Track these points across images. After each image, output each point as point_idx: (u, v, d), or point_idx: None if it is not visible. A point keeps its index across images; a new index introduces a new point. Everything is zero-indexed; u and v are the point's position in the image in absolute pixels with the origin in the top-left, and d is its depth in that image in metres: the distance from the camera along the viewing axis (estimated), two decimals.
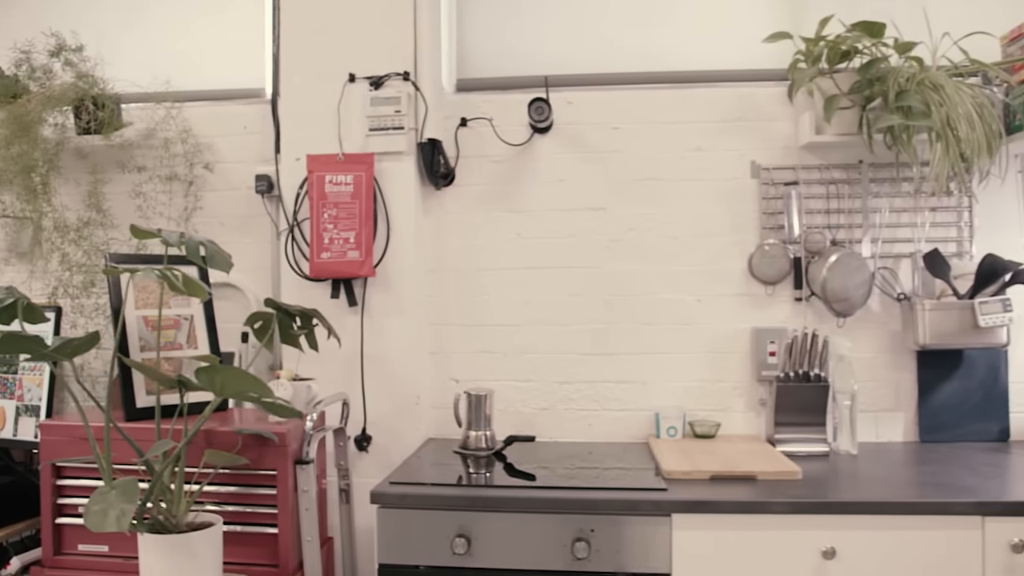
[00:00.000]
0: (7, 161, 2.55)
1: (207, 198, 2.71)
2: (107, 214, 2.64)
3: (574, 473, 2.14)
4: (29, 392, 2.40)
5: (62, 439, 2.16)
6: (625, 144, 2.59)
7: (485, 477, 2.11)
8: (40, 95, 2.51)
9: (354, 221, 2.47)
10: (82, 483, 2.16)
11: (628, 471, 2.16)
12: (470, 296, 2.63)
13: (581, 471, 2.16)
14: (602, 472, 2.16)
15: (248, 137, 2.71)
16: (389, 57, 2.51)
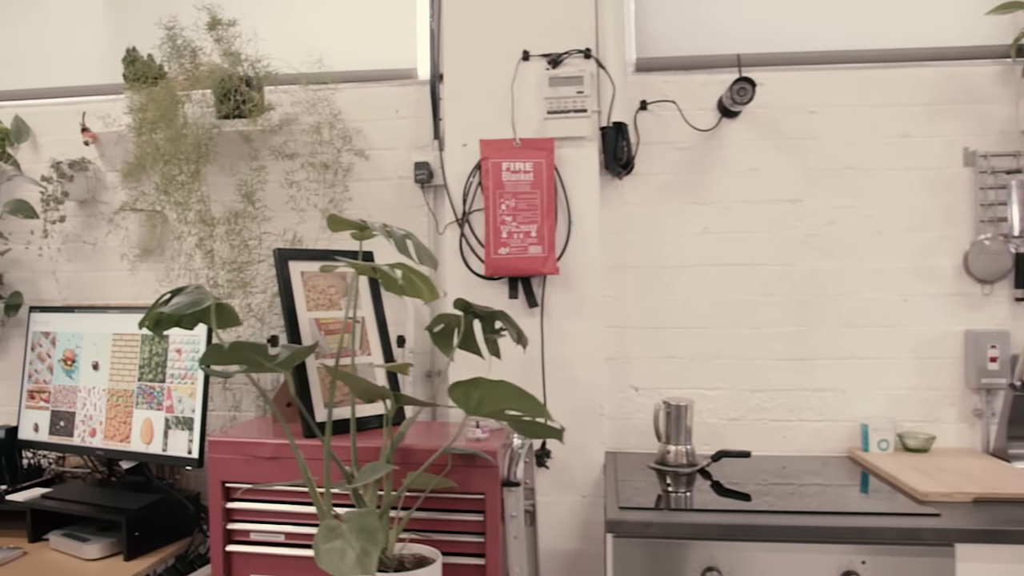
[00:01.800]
0: (149, 147, 2.32)
1: (354, 188, 2.47)
2: (257, 205, 2.40)
3: (768, 489, 1.92)
4: (180, 403, 2.16)
5: (234, 457, 1.92)
6: (823, 129, 2.35)
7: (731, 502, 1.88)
8: (189, 75, 2.27)
9: (535, 213, 2.24)
10: (253, 507, 1.93)
11: (827, 487, 1.94)
12: (652, 296, 2.40)
13: (775, 487, 1.95)
14: (798, 488, 1.94)
15: (400, 122, 2.47)
16: (568, 32, 2.28)
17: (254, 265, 2.35)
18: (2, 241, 2.63)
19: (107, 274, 2.61)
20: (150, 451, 2.19)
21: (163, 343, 2.20)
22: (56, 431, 2.35)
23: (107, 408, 2.27)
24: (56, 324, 2.39)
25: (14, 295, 2.60)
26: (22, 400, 2.41)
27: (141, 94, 2.33)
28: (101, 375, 2.29)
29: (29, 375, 2.41)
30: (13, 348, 2.69)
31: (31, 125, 2.68)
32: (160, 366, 2.20)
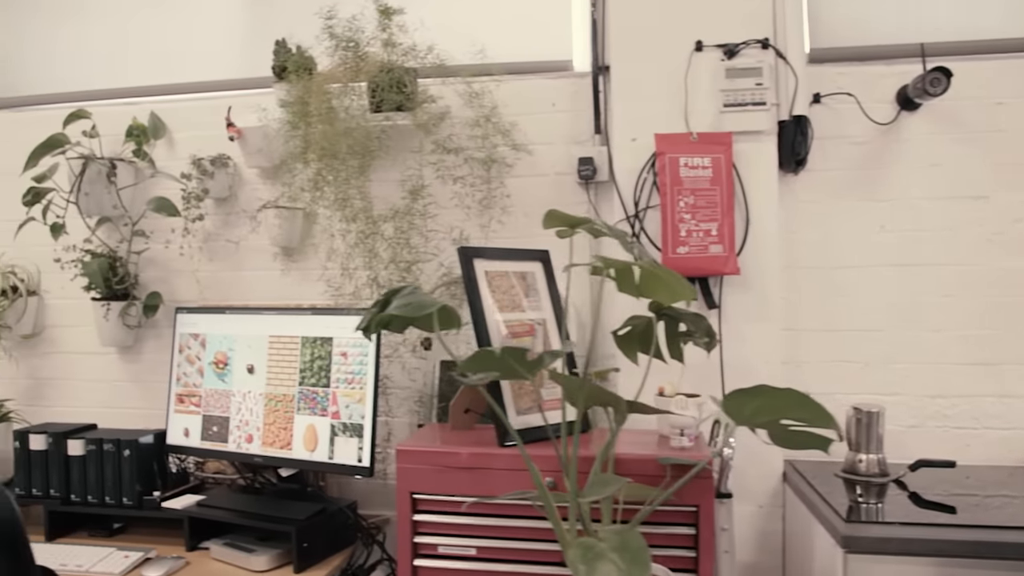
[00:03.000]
0: (304, 142, 2.23)
1: (510, 184, 2.38)
2: (423, 201, 2.30)
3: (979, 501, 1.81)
4: (347, 409, 2.07)
5: (423, 467, 1.83)
6: (1010, 122, 2.24)
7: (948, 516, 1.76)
8: (349, 67, 2.19)
9: (715, 211, 2.13)
10: (442, 519, 1.83)
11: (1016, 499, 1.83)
12: (825, 297, 2.28)
13: (960, 498, 1.84)
14: (982, 500, 1.83)
15: (557, 116, 2.38)
16: (743, 22, 2.18)
17: (418, 264, 2.26)
18: (142, 240, 2.55)
19: (247, 274, 2.53)
20: (314, 459, 2.10)
21: (326, 346, 2.12)
22: (209, 436, 2.26)
23: (264, 413, 2.18)
24: (205, 326, 2.31)
25: (152, 295, 2.52)
26: (170, 404, 2.33)
27: (297, 86, 2.24)
28: (257, 379, 2.21)
29: (177, 378, 2.33)
30: (147, 350, 2.61)
31: (165, 121, 2.60)
32: (324, 370, 2.11)
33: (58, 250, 2.65)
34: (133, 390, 2.63)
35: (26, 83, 2.78)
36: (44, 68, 2.77)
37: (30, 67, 2.79)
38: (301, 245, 2.47)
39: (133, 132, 2.58)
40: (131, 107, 2.63)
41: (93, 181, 2.48)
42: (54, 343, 2.70)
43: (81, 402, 2.67)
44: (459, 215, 2.34)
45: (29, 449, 2.30)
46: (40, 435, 2.30)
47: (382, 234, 2.25)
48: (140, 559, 2.07)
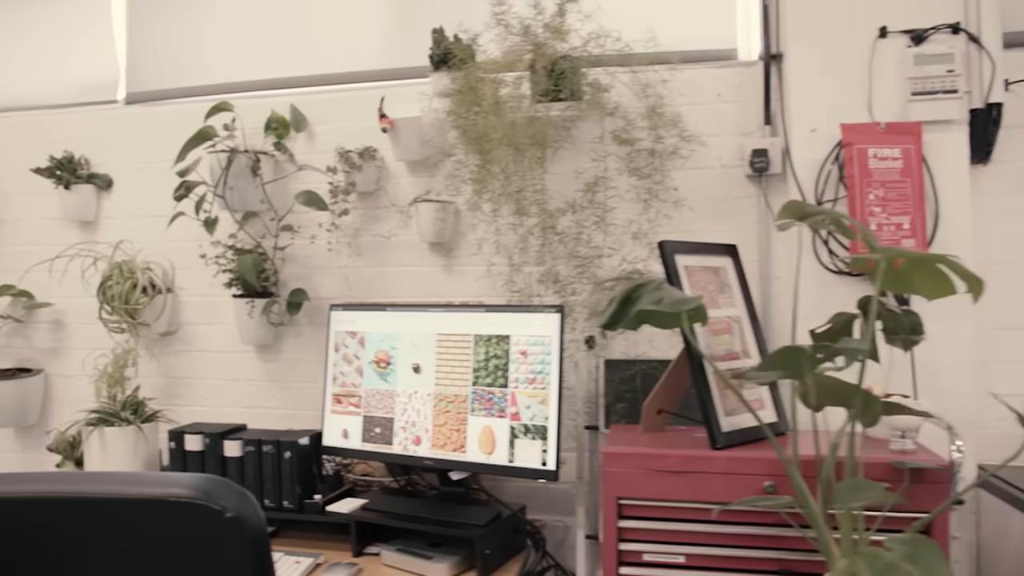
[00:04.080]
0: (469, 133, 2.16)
1: (675, 177, 2.29)
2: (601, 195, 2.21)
3: None
4: (528, 410, 1.99)
5: (630, 471, 1.75)
6: None
7: None
8: (518, 56, 2.11)
9: (906, 204, 2.04)
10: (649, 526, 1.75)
11: None
12: (1015, 294, 2.18)
13: None
14: None
15: (722, 106, 2.29)
16: (931, 5, 2.08)
17: (599, 259, 2.17)
18: (288, 235, 2.49)
19: (394, 270, 2.45)
20: (492, 462, 2.02)
21: (503, 344, 2.04)
22: (371, 438, 2.19)
23: (434, 415, 2.11)
24: (364, 323, 2.23)
25: (295, 292, 2.45)
26: (326, 404, 2.26)
27: (460, 76, 2.17)
28: (424, 379, 2.13)
29: (333, 377, 2.26)
30: (287, 348, 2.54)
31: (304, 113, 2.53)
32: (500, 369, 2.03)
33: (195, 245, 2.60)
34: (272, 390, 2.56)
35: (165, 77, 2.72)
36: (183, 61, 2.71)
37: (167, 61, 2.73)
38: (452, 240, 2.40)
39: (271, 125, 2.51)
40: (268, 100, 2.56)
41: (237, 175, 2.41)
42: (189, 341, 2.63)
43: (217, 401, 2.61)
44: (633, 209, 2.26)
45: (184, 450, 2.24)
46: (196, 435, 2.23)
47: (555, 228, 2.16)
48: (312, 565, 1.99)
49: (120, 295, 2.48)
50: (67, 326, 2.77)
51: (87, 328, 2.74)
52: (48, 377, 2.79)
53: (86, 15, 2.83)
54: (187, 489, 1.26)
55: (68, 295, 2.76)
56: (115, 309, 2.50)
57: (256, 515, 1.27)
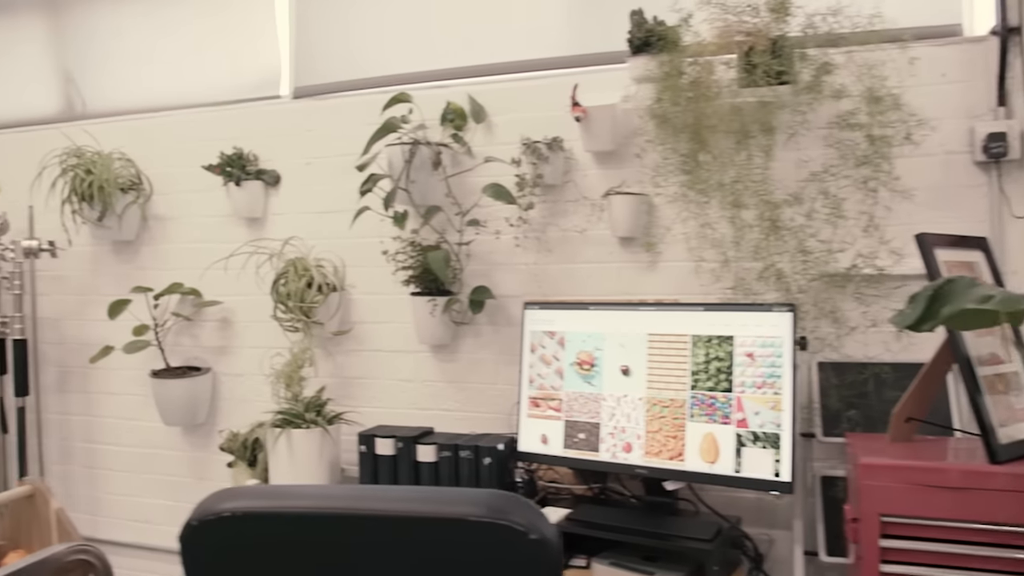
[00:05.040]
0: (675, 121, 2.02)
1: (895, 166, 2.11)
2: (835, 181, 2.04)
3: None
4: (757, 416, 1.84)
5: (897, 486, 1.58)
6: None
7: None
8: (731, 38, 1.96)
9: None
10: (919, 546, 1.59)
11: None
12: None
13: None
14: None
15: (946, 87, 2.10)
16: None
17: (827, 255, 2.01)
18: (473, 230, 2.39)
19: (581, 266, 2.33)
20: (715, 471, 1.88)
21: (725, 346, 1.89)
22: (574, 444, 2.07)
23: (647, 420, 1.98)
24: (563, 323, 2.12)
25: (478, 290, 2.35)
26: (521, 408, 2.15)
27: (669, 58, 2.03)
28: (634, 381, 2.01)
29: (530, 380, 2.15)
30: (464, 348, 2.45)
31: (482, 104, 2.43)
32: (723, 372, 1.89)
33: (364, 242, 2.53)
34: (448, 391, 2.47)
35: (332, 70, 2.65)
36: (350, 54, 2.64)
37: (333, 54, 2.66)
38: (646, 235, 2.26)
39: (448, 116, 2.42)
40: (442, 91, 2.47)
41: (418, 168, 2.33)
42: (360, 340, 2.56)
43: (389, 403, 2.53)
44: (857, 200, 2.09)
45: (375, 453, 2.16)
46: (387, 439, 2.15)
47: (776, 220, 2.01)
48: None
49: (295, 293, 2.42)
50: (234, 324, 2.73)
51: (254, 327, 2.70)
52: (215, 376, 2.76)
53: (249, 12, 2.79)
54: (485, 508, 1.15)
55: (235, 293, 2.72)
56: (290, 307, 2.44)
57: (556, 537, 1.15)
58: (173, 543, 2.82)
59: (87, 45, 3.03)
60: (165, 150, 2.84)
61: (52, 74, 3.10)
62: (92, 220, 2.74)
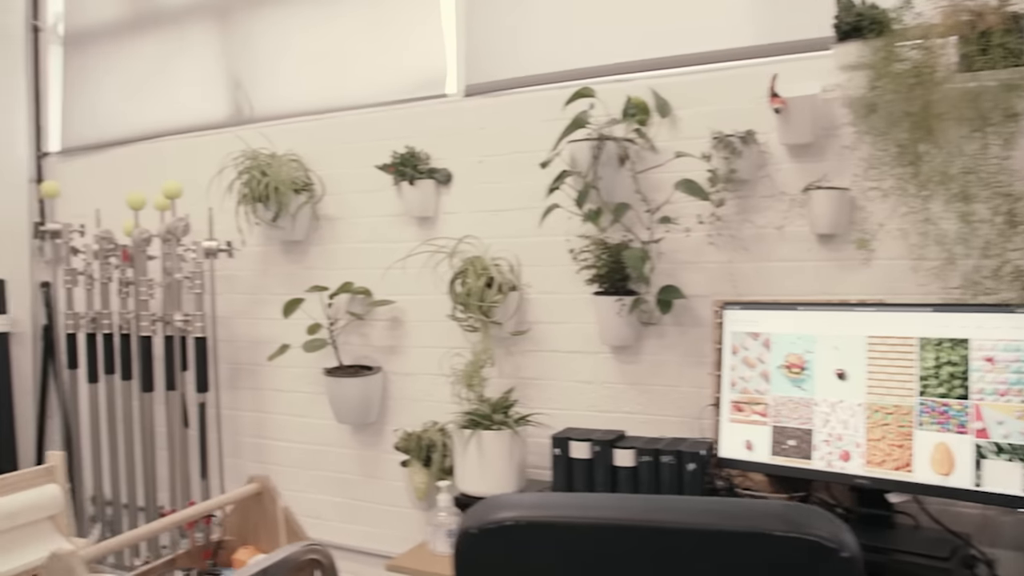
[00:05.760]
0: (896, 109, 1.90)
1: None
2: None
3: None
4: (999, 426, 1.71)
5: None
6: None
7: None
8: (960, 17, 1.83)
9: None
10: None
11: None
12: None
13: None
14: None
15: None
16: None
17: None
18: (663, 228, 2.32)
19: (776, 264, 2.23)
20: (949, 484, 1.76)
21: (959, 349, 1.77)
22: (783, 451, 1.98)
23: (868, 428, 1.87)
24: (769, 324, 2.02)
25: (667, 289, 2.28)
26: (722, 412, 2.07)
27: (883, 43, 1.91)
28: (852, 386, 1.90)
29: (732, 383, 2.06)
30: (647, 350, 2.38)
31: (665, 98, 2.35)
32: (957, 378, 1.76)
33: (540, 241, 2.49)
34: (629, 393, 2.40)
35: (503, 67, 2.62)
36: (522, 50, 2.61)
37: (504, 51, 2.63)
38: (847, 231, 2.15)
39: (629, 111, 2.35)
40: (621, 85, 2.40)
41: (603, 164, 2.27)
42: (537, 341, 2.52)
43: (567, 404, 2.49)
44: None
45: (569, 457, 2.11)
46: (583, 442, 2.10)
47: (1014, 214, 1.86)
48: None
49: (475, 292, 2.40)
50: (404, 324, 2.74)
51: (425, 326, 2.70)
52: (385, 375, 2.77)
53: (414, 12, 2.78)
54: (787, 522, 1.08)
55: (406, 292, 2.73)
56: (469, 307, 2.42)
57: (861, 554, 1.07)
58: (343, 539, 2.86)
59: (254, 51, 3.10)
60: (334, 151, 2.87)
61: (222, 80, 3.17)
62: (266, 221, 2.79)
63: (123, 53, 3.43)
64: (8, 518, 1.82)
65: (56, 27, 3.62)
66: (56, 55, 3.64)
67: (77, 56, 3.58)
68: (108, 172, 3.43)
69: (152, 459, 3.05)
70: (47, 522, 1.94)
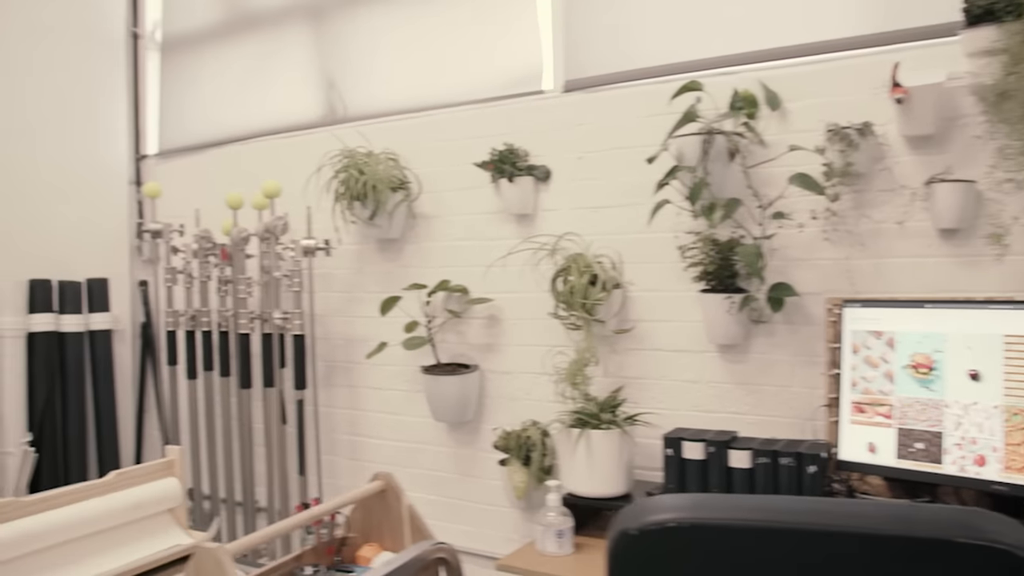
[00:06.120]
0: None
1: None
2: None
3: None
4: None
5: None
6: None
7: None
8: None
9: None
10: None
11: None
12: None
13: None
14: None
15: None
16: None
17: None
18: (775, 223, 2.26)
19: (893, 261, 2.15)
20: None
21: None
22: (909, 455, 1.90)
23: (1005, 431, 1.78)
24: (893, 322, 1.95)
25: (779, 287, 2.22)
26: (843, 414, 2.00)
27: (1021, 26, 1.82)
28: (987, 388, 1.81)
29: (853, 383, 1.99)
30: (756, 348, 2.32)
31: (775, 90, 2.29)
32: None
33: (643, 238, 2.44)
34: (736, 393, 2.35)
35: (603, 62, 2.59)
36: (622, 44, 2.57)
37: (604, 45, 2.60)
38: (972, 225, 2.06)
39: (737, 104, 2.29)
40: (727, 77, 2.35)
41: (713, 159, 2.22)
42: (640, 339, 2.48)
43: (671, 404, 2.44)
44: None
45: (682, 457, 2.07)
46: (696, 443, 2.06)
47: None
48: None
49: (579, 290, 2.37)
50: (501, 322, 2.73)
51: (523, 324, 2.68)
52: (482, 373, 2.76)
53: (508, 8, 2.77)
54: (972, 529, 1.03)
55: (503, 290, 2.71)
56: (571, 304, 2.39)
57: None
58: (441, 537, 2.85)
59: (347, 51, 3.12)
60: (430, 149, 2.87)
61: (315, 80, 3.21)
62: (363, 219, 2.81)
63: (218, 57, 3.50)
64: (135, 509, 1.87)
65: (154, 33, 3.72)
66: (154, 60, 3.73)
67: (173, 61, 3.67)
68: (202, 173, 3.51)
69: (250, 455, 3.10)
70: (166, 515, 1.98)
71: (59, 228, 3.40)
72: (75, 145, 3.48)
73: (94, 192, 3.55)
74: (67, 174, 3.45)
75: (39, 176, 3.34)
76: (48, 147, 3.38)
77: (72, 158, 3.47)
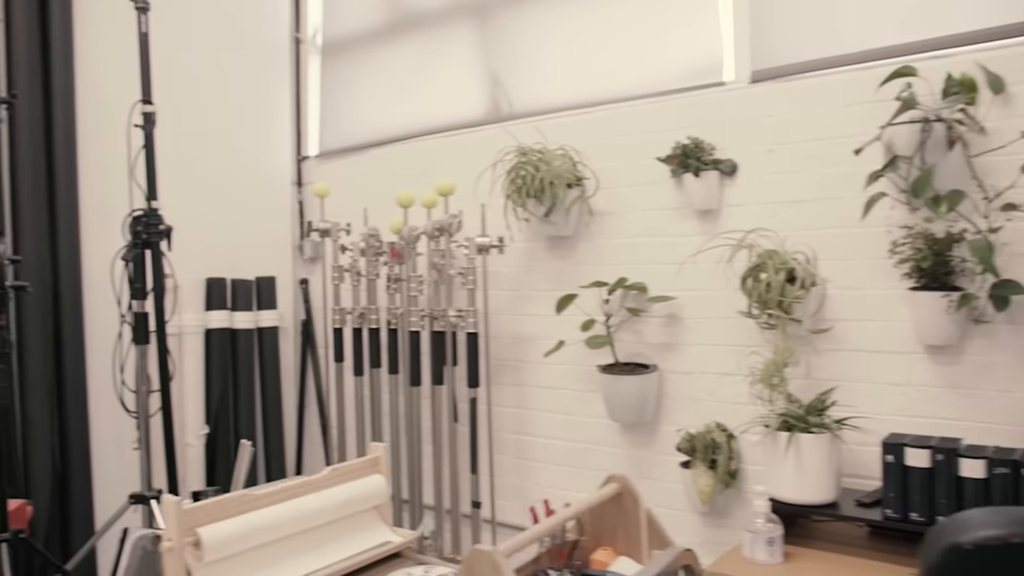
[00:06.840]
0: None
1: None
2: None
3: None
4: None
5: None
6: None
7: None
8: None
9: None
10: None
11: None
12: None
13: None
14: None
15: None
16: None
17: None
18: (1004, 215, 2.11)
19: None
20: None
21: None
22: None
23: None
24: None
25: (1005, 284, 2.07)
26: None
27: None
28: None
29: None
30: (971, 350, 2.17)
31: (997, 73, 2.13)
32: None
33: (839, 232, 2.33)
34: (946, 397, 2.21)
35: (795, 51, 2.49)
36: (816, 30, 2.46)
37: (794, 33, 2.50)
38: None
39: (952, 89, 2.15)
40: (939, 61, 2.21)
41: (930, 149, 2.09)
42: (837, 339, 2.37)
43: (872, 407, 2.32)
44: None
45: (904, 464, 1.95)
46: (922, 450, 1.94)
47: None
48: None
49: (775, 287, 2.28)
50: (682, 321, 2.65)
51: (705, 323, 2.60)
52: (661, 373, 2.70)
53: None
54: None
55: (683, 288, 2.64)
56: (767, 303, 2.30)
57: None
58: None
59: (512, 47, 3.11)
60: (605, 144, 2.83)
61: (480, 78, 3.22)
62: (538, 216, 2.79)
63: (377, 58, 3.56)
64: (348, 505, 1.88)
65: (315, 38, 3.81)
66: (314, 64, 3.83)
67: (334, 64, 3.75)
68: (363, 173, 3.57)
69: (418, 452, 3.13)
70: (372, 512, 1.99)
71: (231, 228, 3.52)
72: (244, 149, 3.60)
73: (262, 193, 3.66)
74: (237, 176, 3.57)
75: (213, 179, 3.47)
76: (221, 151, 3.50)
77: (242, 161, 3.59)
